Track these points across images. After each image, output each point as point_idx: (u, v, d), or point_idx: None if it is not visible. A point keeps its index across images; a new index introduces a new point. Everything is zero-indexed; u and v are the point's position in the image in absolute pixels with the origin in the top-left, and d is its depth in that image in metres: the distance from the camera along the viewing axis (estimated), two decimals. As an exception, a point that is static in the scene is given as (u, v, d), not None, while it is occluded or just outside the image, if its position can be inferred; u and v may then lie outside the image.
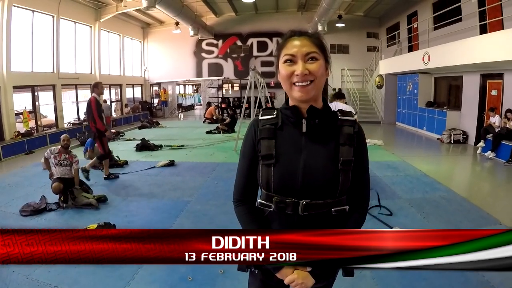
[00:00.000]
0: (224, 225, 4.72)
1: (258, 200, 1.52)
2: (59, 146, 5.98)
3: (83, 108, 15.54)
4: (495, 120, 9.80)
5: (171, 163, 8.36)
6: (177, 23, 18.12)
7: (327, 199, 1.41)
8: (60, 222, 5.03)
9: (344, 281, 1.71)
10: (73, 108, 15.55)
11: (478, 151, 9.96)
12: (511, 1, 8.97)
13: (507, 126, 9.25)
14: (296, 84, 1.37)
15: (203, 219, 5.04)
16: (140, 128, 16.01)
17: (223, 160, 8.95)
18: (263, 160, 1.45)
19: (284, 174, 1.42)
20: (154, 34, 21.95)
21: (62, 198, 5.57)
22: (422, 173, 7.78)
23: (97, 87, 7.20)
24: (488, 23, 9.93)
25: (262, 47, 21.42)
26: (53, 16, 13.31)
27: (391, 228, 4.50)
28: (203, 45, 21.75)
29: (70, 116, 15.17)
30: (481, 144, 9.90)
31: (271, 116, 1.50)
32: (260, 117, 1.52)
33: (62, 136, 6.14)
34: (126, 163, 8.47)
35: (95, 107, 6.96)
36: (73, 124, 14.52)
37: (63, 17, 13.93)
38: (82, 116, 15.32)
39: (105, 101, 15.85)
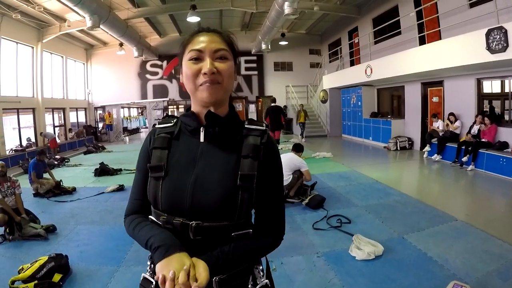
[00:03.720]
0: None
1: (149, 217, 1.28)
2: None
3: (25, 134, 15.06)
4: (438, 124, 10.27)
5: (121, 188, 7.95)
6: (121, 44, 17.70)
7: (223, 222, 1.17)
8: (7, 256, 4.50)
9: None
10: (15, 134, 14.52)
11: (425, 155, 10.41)
12: (447, 13, 9.53)
13: (450, 129, 9.68)
14: (203, 84, 1.18)
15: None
16: (85, 153, 15.18)
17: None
18: (152, 172, 1.24)
19: (172, 189, 1.20)
20: (97, 55, 21.21)
21: (7, 230, 5.04)
22: (374, 180, 7.89)
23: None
24: (427, 34, 10.48)
25: (207, 67, 21.25)
26: (-6, 36, 12.55)
27: (352, 235, 4.45)
28: (148, 66, 21.38)
29: (11, 143, 14.13)
30: (427, 148, 10.35)
31: (169, 124, 1.33)
32: (157, 125, 1.35)
33: None
34: (74, 189, 8.00)
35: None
36: (16, 151, 13.52)
37: (4, 37, 13.19)
38: (24, 143, 14.53)
39: (41, 133, 15.19)
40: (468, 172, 8.42)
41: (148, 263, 1.29)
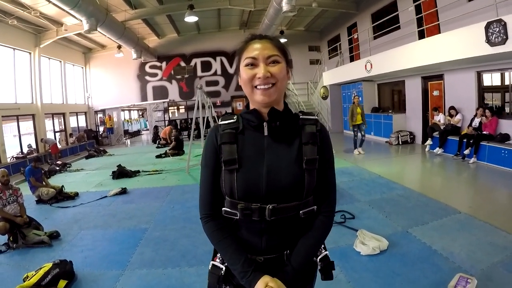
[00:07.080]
0: (187, 249, 4.54)
1: (223, 208, 1.42)
2: None
3: (26, 140, 15.00)
4: (439, 118, 10.28)
5: (123, 191, 7.98)
6: (119, 47, 17.65)
7: (294, 202, 1.34)
8: (11, 265, 4.51)
9: (320, 285, 1.61)
10: (15, 141, 14.51)
11: (427, 149, 10.42)
12: (446, 6, 9.51)
13: (451, 122, 9.69)
14: (258, 87, 1.33)
15: (164, 246, 4.71)
16: (87, 157, 15.16)
17: (176, 183, 8.59)
18: (226, 166, 1.37)
19: (247, 179, 1.35)
20: (96, 59, 21.22)
21: (11, 238, 5.07)
22: (376, 175, 7.90)
23: None
24: (426, 28, 10.47)
25: (206, 67, 21.40)
26: (-10, 43, 12.59)
27: (356, 231, 4.45)
28: (147, 68, 21.39)
29: (12, 150, 14.09)
30: (429, 142, 10.35)
31: (232, 121, 1.45)
32: (220, 122, 1.47)
33: None
34: (76, 194, 8.01)
35: None
36: (17, 158, 13.51)
37: (1, 43, 13.27)
38: (25, 149, 14.48)
39: (41, 139, 15.12)
40: (470, 165, 8.43)
41: (218, 254, 1.46)
